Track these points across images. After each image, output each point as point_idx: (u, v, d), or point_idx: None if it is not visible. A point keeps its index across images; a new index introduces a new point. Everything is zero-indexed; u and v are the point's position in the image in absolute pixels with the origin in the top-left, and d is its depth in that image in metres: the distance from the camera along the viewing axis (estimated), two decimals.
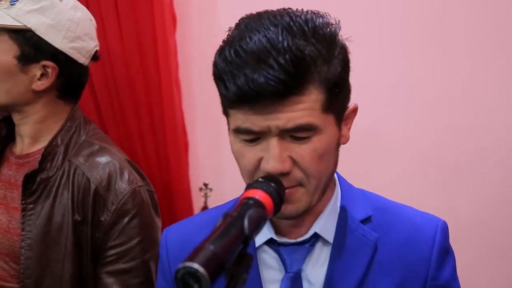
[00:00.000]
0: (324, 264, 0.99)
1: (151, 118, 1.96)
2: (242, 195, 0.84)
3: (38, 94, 1.38)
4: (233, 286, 0.71)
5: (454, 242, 1.94)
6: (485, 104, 1.98)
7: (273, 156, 0.88)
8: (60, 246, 1.34)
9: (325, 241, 1.00)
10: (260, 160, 0.90)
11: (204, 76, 2.05)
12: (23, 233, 1.34)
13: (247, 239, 0.74)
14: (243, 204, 0.80)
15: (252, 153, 0.91)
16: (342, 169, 1.40)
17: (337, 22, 0.93)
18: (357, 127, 1.91)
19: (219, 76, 0.89)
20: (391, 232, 1.00)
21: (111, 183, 1.35)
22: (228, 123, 0.95)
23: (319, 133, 0.90)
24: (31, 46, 1.35)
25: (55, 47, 1.36)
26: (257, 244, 1.01)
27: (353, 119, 1.00)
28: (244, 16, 0.95)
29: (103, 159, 1.38)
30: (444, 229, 1.02)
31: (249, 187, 0.86)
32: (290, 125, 0.87)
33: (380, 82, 2.00)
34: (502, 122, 1.98)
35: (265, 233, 1.00)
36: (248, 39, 0.87)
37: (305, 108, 0.87)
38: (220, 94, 0.92)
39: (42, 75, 1.37)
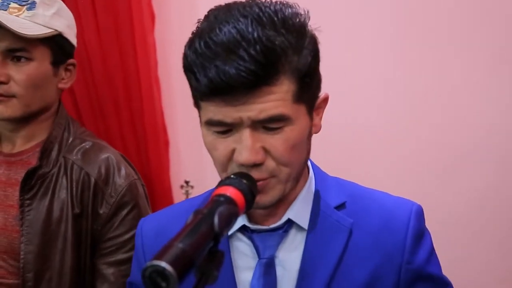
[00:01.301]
0: (298, 249, 0.99)
1: (131, 116, 1.95)
2: (214, 190, 0.84)
3: (58, 92, 1.45)
4: (204, 284, 0.71)
5: (447, 237, 1.97)
6: (476, 100, 1.99)
7: (245, 147, 0.88)
8: (59, 240, 1.38)
9: (299, 227, 1.00)
10: (233, 152, 0.90)
11: (184, 73, 2.06)
12: (22, 228, 1.37)
13: (218, 237, 0.74)
14: (214, 201, 0.80)
15: (225, 145, 0.91)
16: (333, 165, 1.39)
17: (306, 12, 0.93)
18: (350, 124, 1.95)
19: (189, 69, 0.89)
20: (366, 217, 1.00)
21: (110, 177, 1.40)
22: (200, 116, 0.95)
23: (291, 124, 0.90)
24: (60, 49, 1.41)
25: (73, 44, 1.44)
26: (230, 232, 1.00)
27: (324, 108, 1.00)
28: (212, 7, 0.94)
29: (100, 154, 1.43)
30: (419, 213, 1.02)
31: (220, 184, 0.86)
32: (262, 116, 0.87)
33: (372, 79, 2.01)
34: (493, 118, 1.99)
35: (238, 221, 0.99)
36: (218, 31, 0.87)
37: (277, 98, 0.87)
38: (191, 86, 0.92)
39: (64, 73, 1.44)
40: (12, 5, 1.36)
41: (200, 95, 0.89)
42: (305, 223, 1.00)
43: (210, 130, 0.91)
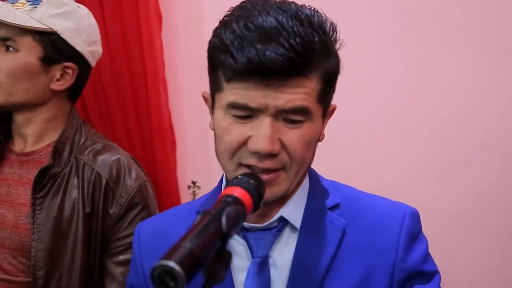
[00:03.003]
0: (290, 249, 0.99)
1: (138, 117, 1.96)
2: (215, 189, 0.84)
3: (53, 93, 1.46)
4: (212, 283, 0.72)
5: (451, 235, 1.96)
6: (481, 99, 1.98)
7: (264, 135, 0.89)
8: (70, 238, 1.40)
9: (293, 227, 1.00)
10: (247, 139, 0.91)
11: (191, 74, 2.07)
12: (33, 226, 1.39)
13: (225, 237, 0.75)
14: (222, 202, 0.80)
15: (241, 130, 0.91)
16: (337, 162, 1.36)
17: (335, 24, 0.96)
18: (354, 122, 1.95)
19: (224, 48, 0.89)
20: (360, 218, 1.01)
21: (120, 178, 1.43)
22: (215, 101, 0.96)
23: (310, 121, 0.92)
24: (54, 48, 1.42)
25: (76, 49, 1.45)
26: None
27: (329, 118, 1.02)
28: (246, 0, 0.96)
29: (111, 156, 1.46)
30: (414, 215, 1.02)
31: (228, 184, 0.86)
32: (289, 105, 0.89)
33: (376, 76, 2.01)
34: (498, 117, 1.98)
35: None
36: (258, 17, 0.89)
37: (305, 92, 0.90)
38: (222, 66, 0.91)
39: (60, 75, 1.44)
40: (21, 0, 1.42)
41: (232, 75, 0.89)
42: (298, 223, 1.00)
43: (229, 114, 0.92)
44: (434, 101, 2.00)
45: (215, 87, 0.95)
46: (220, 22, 0.94)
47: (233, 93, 0.90)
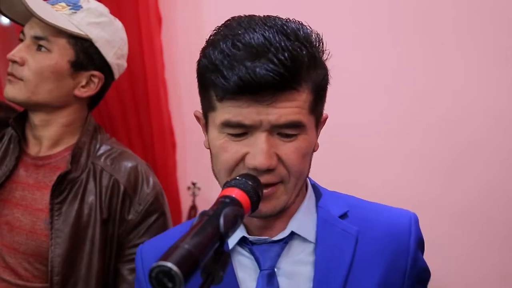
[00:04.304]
0: (307, 261, 0.99)
1: (138, 118, 1.97)
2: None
3: (74, 99, 1.47)
4: (210, 284, 0.72)
5: (451, 235, 1.95)
6: (480, 99, 1.98)
7: (261, 151, 0.89)
8: (87, 244, 1.40)
9: (303, 239, 1.00)
10: (244, 156, 0.91)
11: (191, 75, 2.05)
12: (51, 232, 1.39)
13: (223, 237, 0.75)
14: (220, 203, 0.81)
15: (237, 148, 0.92)
16: (339, 164, 1.35)
17: (321, 35, 0.96)
18: (354, 122, 1.95)
19: (214, 68, 0.90)
20: (369, 225, 1.02)
21: (138, 185, 1.45)
22: (209, 120, 0.96)
23: (304, 133, 0.93)
24: (86, 54, 1.44)
25: (106, 60, 1.47)
26: (230, 246, 1.01)
27: (321, 128, 1.03)
28: (231, 17, 0.97)
29: (129, 163, 1.47)
30: (417, 220, 1.05)
31: (226, 185, 0.87)
32: (282, 120, 0.89)
33: (375, 78, 2.01)
34: (497, 117, 1.98)
35: (237, 234, 1.01)
36: (245, 34, 0.89)
37: (297, 106, 0.90)
38: (212, 86, 0.92)
39: (86, 83, 1.46)
40: (61, 3, 1.45)
41: (224, 94, 0.90)
42: (309, 235, 1.00)
43: (223, 133, 0.92)
44: (434, 101, 2.00)
45: (208, 107, 0.95)
46: (206, 41, 0.95)
47: (226, 111, 0.90)
